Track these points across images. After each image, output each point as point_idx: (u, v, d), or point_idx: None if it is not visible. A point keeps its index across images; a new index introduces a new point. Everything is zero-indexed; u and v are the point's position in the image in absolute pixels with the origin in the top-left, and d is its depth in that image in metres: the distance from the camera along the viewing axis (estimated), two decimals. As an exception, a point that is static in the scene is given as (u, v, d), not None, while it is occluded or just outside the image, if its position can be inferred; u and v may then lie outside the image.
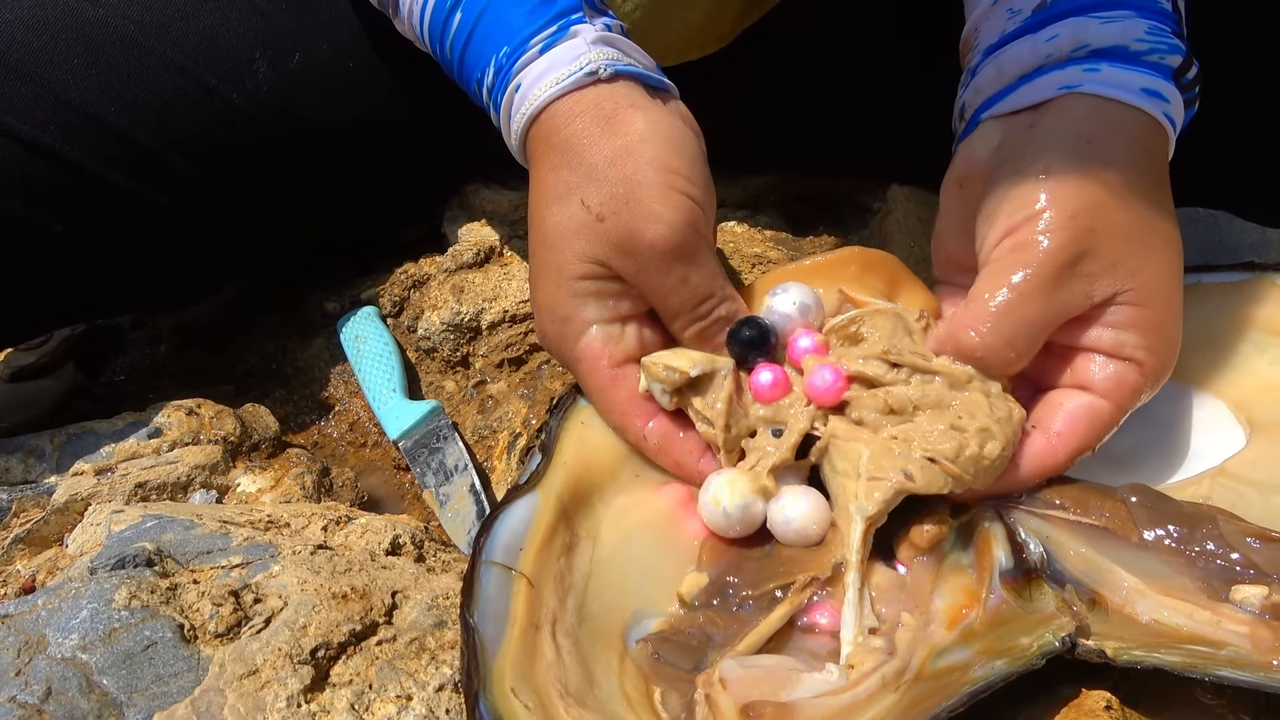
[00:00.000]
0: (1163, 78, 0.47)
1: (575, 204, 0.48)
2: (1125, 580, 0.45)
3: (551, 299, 0.49)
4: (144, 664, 0.39)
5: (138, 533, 0.47)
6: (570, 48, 0.50)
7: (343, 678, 0.41)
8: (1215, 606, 0.43)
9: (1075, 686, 0.44)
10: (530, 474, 0.48)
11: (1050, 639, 0.42)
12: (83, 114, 0.58)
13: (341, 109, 0.66)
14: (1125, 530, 0.46)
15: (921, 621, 0.44)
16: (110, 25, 0.60)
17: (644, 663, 0.44)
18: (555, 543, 0.46)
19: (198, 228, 0.65)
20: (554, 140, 0.49)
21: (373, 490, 0.65)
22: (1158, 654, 0.42)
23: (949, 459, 0.45)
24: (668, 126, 0.49)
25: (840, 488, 0.46)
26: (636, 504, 0.50)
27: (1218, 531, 0.46)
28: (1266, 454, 0.46)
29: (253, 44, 0.64)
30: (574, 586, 0.46)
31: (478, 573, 0.43)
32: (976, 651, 0.42)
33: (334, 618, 0.43)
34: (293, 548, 0.47)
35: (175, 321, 0.77)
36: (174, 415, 0.62)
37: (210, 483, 0.59)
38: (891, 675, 0.41)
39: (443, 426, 0.63)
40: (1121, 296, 0.46)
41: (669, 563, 0.48)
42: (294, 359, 0.73)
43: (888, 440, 0.46)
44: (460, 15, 0.53)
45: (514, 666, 0.41)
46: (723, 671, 0.42)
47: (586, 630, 0.45)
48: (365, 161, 0.69)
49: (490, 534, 0.45)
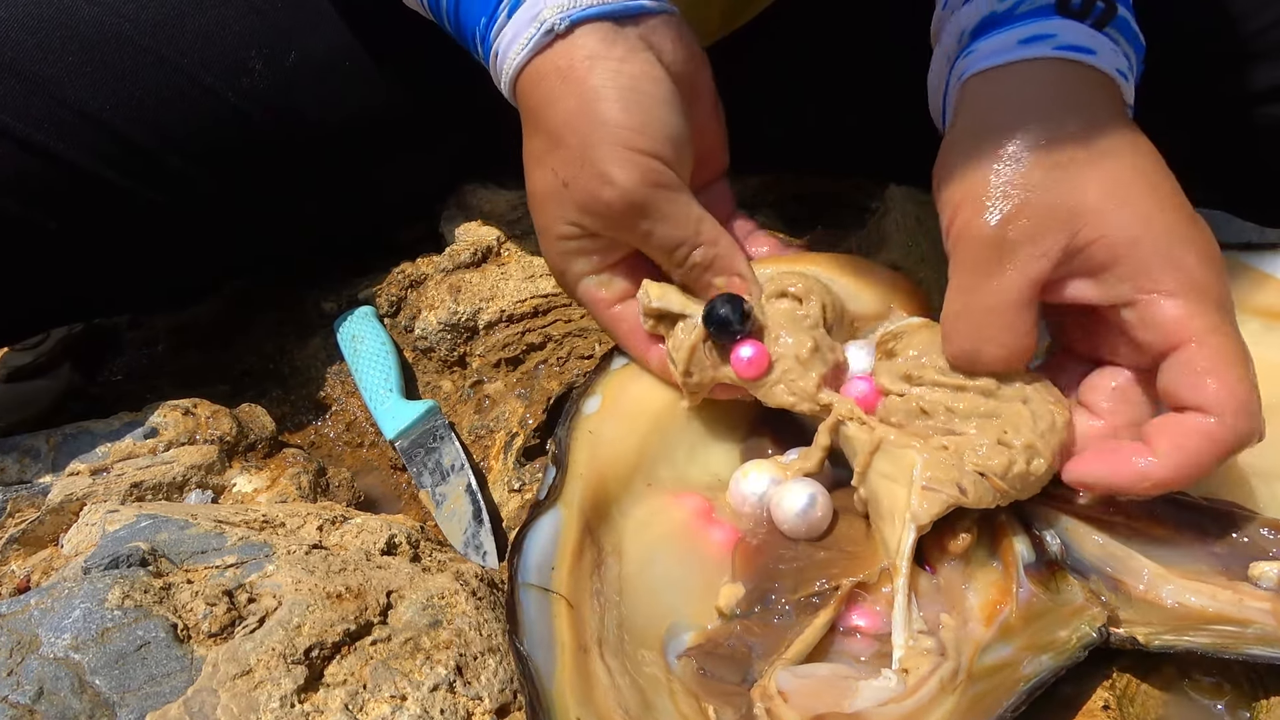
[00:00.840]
0: (1042, 18, 0.46)
1: (547, 170, 0.49)
2: (1145, 567, 0.45)
3: (548, 257, 0.52)
4: (136, 664, 0.39)
5: (132, 532, 0.47)
6: (530, 6, 0.49)
7: (337, 678, 0.41)
8: (1236, 586, 0.44)
9: (1074, 685, 0.44)
10: (549, 488, 0.47)
11: (1087, 630, 0.42)
12: (77, 112, 0.58)
13: (338, 108, 0.66)
14: (1148, 528, 0.47)
15: (960, 620, 0.44)
16: (105, 23, 0.60)
17: (690, 679, 0.43)
18: (585, 559, 0.46)
19: (193, 226, 0.65)
20: (527, 106, 0.50)
21: (369, 490, 0.65)
22: (1187, 636, 0.42)
23: (998, 475, 0.44)
24: (624, 77, 0.48)
25: (886, 491, 0.46)
26: (655, 515, 0.49)
27: (1235, 524, 0.46)
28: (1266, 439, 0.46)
29: (249, 42, 0.64)
30: (610, 604, 0.45)
31: (518, 596, 0.42)
32: (1019, 648, 0.43)
33: (328, 617, 0.43)
34: (287, 547, 0.47)
35: (172, 322, 0.77)
36: (170, 415, 0.62)
37: (206, 483, 0.59)
38: (948, 676, 0.41)
39: (439, 426, 0.62)
40: (1080, 239, 0.43)
41: (696, 575, 0.47)
42: (291, 359, 0.73)
43: (939, 450, 0.45)
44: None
45: (574, 692, 0.40)
46: (780, 684, 0.41)
47: (630, 649, 0.44)
48: (362, 160, 0.69)
49: (521, 554, 0.44)
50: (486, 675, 0.44)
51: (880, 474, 0.47)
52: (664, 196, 0.48)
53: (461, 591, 0.48)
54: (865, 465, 0.47)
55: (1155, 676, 0.44)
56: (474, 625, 0.46)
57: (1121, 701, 0.43)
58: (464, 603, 0.47)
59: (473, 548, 0.56)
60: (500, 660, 0.45)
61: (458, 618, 0.46)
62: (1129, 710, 0.43)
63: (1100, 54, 0.45)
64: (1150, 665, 0.44)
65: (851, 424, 0.48)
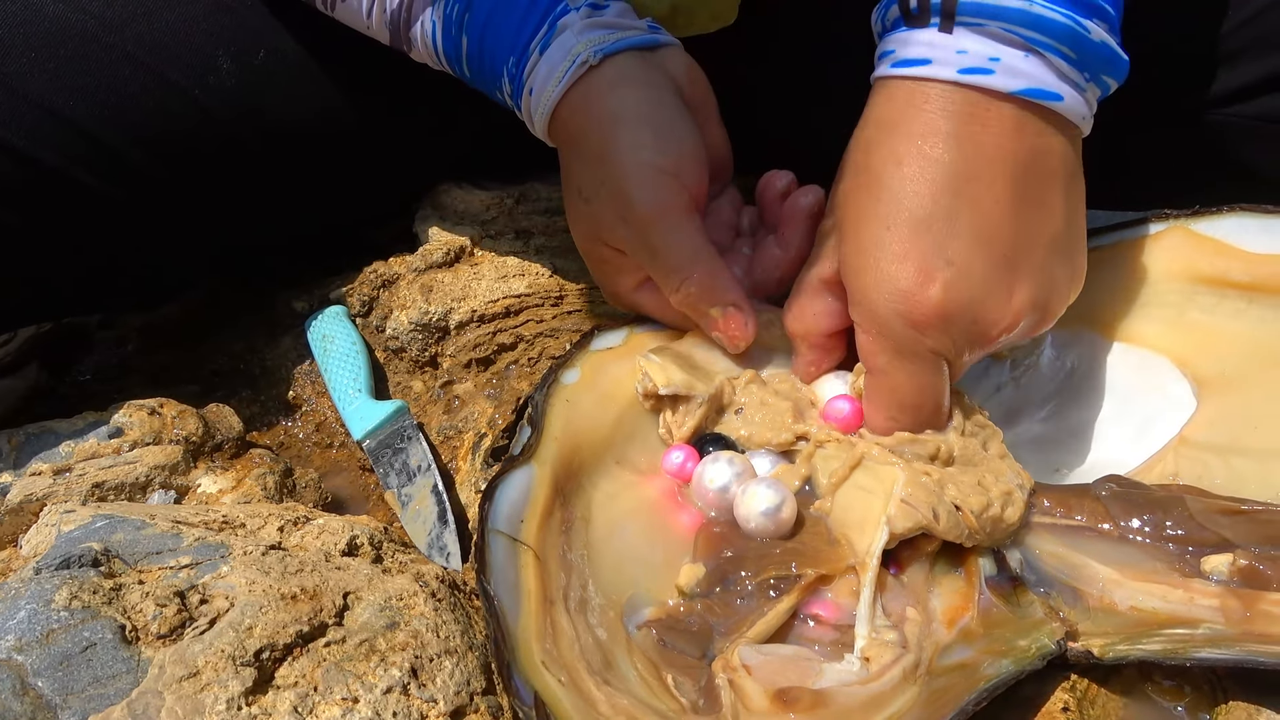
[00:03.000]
0: (894, 30, 0.47)
1: (574, 191, 0.54)
2: (1100, 572, 0.46)
3: (589, 266, 0.57)
4: (81, 666, 0.38)
5: (86, 533, 0.46)
6: (561, 43, 0.52)
7: (287, 680, 0.40)
8: (1186, 584, 0.44)
9: (1034, 687, 0.44)
10: (524, 445, 0.48)
11: (1046, 642, 0.43)
12: (41, 108, 0.58)
13: (307, 107, 0.66)
14: (1104, 527, 0.47)
15: (925, 618, 0.45)
16: (70, 20, 0.59)
17: (650, 648, 0.44)
18: (554, 519, 0.47)
19: (159, 224, 0.65)
20: (562, 137, 0.54)
21: (337, 491, 0.64)
22: (1140, 645, 0.43)
23: (974, 512, 0.46)
24: (637, 100, 0.51)
25: (861, 501, 0.47)
26: (624, 490, 0.50)
27: (1187, 513, 0.47)
28: (1217, 412, 0.48)
29: (217, 40, 0.63)
30: (575, 566, 0.46)
31: (488, 540, 0.43)
32: (980, 651, 0.43)
33: (281, 619, 0.42)
34: (244, 548, 0.47)
35: (142, 321, 0.76)
36: (135, 415, 0.61)
37: (170, 483, 0.58)
38: (910, 668, 0.42)
39: (407, 427, 0.62)
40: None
41: (659, 551, 0.48)
42: (262, 358, 0.72)
43: (920, 473, 0.46)
44: (466, 39, 0.55)
45: (539, 639, 0.41)
46: (743, 658, 0.42)
47: (594, 611, 0.45)
48: (333, 160, 0.69)
49: (493, 502, 0.45)
50: (442, 677, 0.44)
51: (857, 486, 0.47)
52: (670, 224, 0.50)
53: (421, 593, 0.47)
54: (843, 479, 0.47)
55: (1115, 679, 0.44)
56: (432, 627, 0.45)
57: (1082, 704, 0.43)
58: (423, 604, 0.47)
59: (437, 549, 0.56)
60: (457, 663, 0.45)
61: (415, 619, 0.45)
62: (1089, 713, 0.43)
63: (936, 63, 0.45)
64: (1110, 668, 0.44)
65: (830, 444, 0.48)
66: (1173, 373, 0.53)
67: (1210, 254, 0.52)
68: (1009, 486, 0.47)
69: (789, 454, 0.50)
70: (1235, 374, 0.52)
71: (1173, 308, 0.54)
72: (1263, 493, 0.47)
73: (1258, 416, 0.50)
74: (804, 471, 0.49)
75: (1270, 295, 0.51)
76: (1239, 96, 0.59)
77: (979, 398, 0.55)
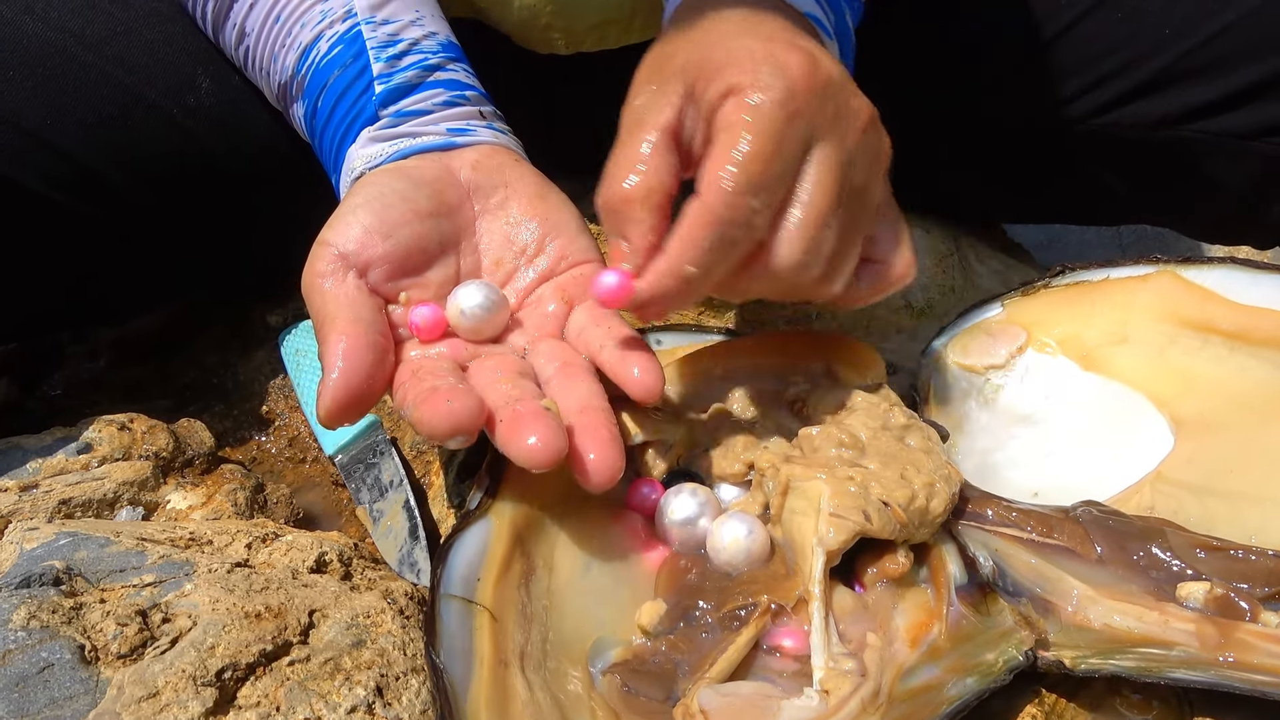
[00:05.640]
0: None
1: None
2: (1075, 588, 0.46)
3: None
4: (38, 687, 0.38)
5: (49, 550, 0.46)
6: (348, 160, 0.55)
7: (250, 699, 0.40)
8: (1162, 607, 0.44)
9: (1003, 702, 0.44)
10: (480, 499, 0.47)
11: (1014, 653, 0.43)
12: (18, 128, 0.57)
13: (286, 127, 0.65)
14: (1083, 549, 0.47)
15: (885, 641, 0.44)
16: (49, 40, 0.59)
17: (613, 697, 0.43)
18: (513, 571, 0.45)
19: (137, 244, 0.64)
20: None
21: (309, 507, 0.64)
22: (1113, 660, 0.43)
23: (901, 505, 0.46)
24: (366, 196, 0.51)
25: (798, 527, 0.46)
26: (591, 530, 0.49)
27: (1167, 545, 0.47)
28: (1194, 452, 0.48)
29: (196, 60, 0.63)
30: (536, 618, 0.45)
31: (438, 608, 0.42)
32: (945, 670, 0.43)
33: (244, 637, 0.42)
34: (209, 566, 0.46)
35: (114, 335, 0.76)
36: (105, 430, 0.61)
37: (139, 499, 0.58)
38: (869, 697, 0.41)
39: (379, 442, 0.62)
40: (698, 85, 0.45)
41: (627, 590, 0.47)
42: (235, 373, 0.72)
43: (845, 479, 0.46)
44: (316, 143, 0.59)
45: (489, 707, 0.40)
46: (702, 703, 0.41)
47: (553, 664, 0.44)
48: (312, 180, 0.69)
49: (445, 564, 0.44)
50: (408, 696, 0.43)
51: (792, 511, 0.47)
52: (319, 285, 0.50)
53: (389, 610, 0.47)
54: (780, 508, 0.47)
55: (1084, 693, 0.44)
56: (399, 645, 0.45)
57: (1050, 716, 0.43)
58: (390, 622, 0.46)
59: (407, 565, 0.55)
60: (424, 680, 0.44)
61: (382, 637, 0.45)
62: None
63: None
64: (1079, 682, 0.44)
65: (769, 470, 0.48)
66: (1149, 409, 0.54)
67: (1198, 300, 0.54)
68: (931, 478, 0.47)
69: (748, 483, 0.50)
70: (1213, 417, 0.52)
71: (1154, 346, 0.55)
72: (1233, 533, 0.47)
73: (1232, 460, 0.50)
74: (761, 498, 0.49)
75: (1253, 345, 0.52)
76: (1204, 113, 0.60)
77: (951, 416, 0.56)
